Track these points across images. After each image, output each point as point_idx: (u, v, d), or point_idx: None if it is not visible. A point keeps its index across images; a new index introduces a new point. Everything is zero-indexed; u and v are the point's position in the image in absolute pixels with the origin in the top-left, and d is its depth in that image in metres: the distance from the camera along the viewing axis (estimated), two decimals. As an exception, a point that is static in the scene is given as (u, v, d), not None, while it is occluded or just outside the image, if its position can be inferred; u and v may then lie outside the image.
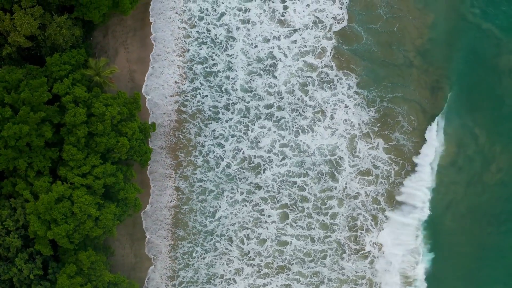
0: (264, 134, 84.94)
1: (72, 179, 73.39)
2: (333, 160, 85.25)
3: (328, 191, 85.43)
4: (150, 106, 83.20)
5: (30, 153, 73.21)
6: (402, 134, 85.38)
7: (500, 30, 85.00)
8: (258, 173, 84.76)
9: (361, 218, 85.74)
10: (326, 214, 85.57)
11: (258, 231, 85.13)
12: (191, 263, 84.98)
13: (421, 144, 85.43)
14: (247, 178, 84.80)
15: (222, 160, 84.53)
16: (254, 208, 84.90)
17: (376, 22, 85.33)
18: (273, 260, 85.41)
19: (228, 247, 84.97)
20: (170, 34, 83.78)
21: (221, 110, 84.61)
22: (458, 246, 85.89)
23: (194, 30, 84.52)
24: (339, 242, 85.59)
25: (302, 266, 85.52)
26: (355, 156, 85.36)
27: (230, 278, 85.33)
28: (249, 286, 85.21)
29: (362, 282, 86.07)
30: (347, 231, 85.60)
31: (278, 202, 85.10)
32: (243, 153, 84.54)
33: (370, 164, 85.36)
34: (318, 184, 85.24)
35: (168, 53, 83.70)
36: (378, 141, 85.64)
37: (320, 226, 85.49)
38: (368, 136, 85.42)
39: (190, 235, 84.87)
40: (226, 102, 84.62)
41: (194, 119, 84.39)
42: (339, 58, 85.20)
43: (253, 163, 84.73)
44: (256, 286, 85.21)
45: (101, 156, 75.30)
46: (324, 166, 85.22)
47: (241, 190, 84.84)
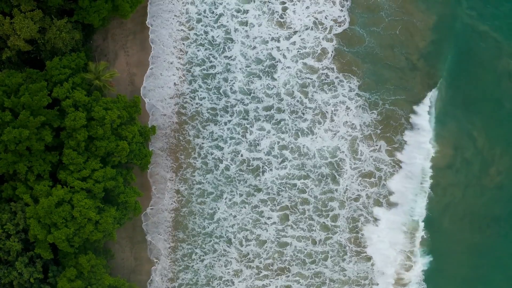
0: (263, 136, 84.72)
1: (72, 183, 73.44)
2: (333, 162, 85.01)
3: (329, 193, 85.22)
4: (150, 108, 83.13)
5: (30, 157, 73.23)
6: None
7: (498, 32, 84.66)
8: (258, 175, 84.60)
9: (362, 219, 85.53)
10: (327, 216, 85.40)
11: (257, 233, 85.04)
12: (191, 265, 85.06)
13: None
14: (246, 181, 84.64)
15: (221, 162, 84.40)
16: (254, 210, 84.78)
17: (378, 25, 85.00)
18: (272, 261, 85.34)
19: (226, 249, 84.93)
20: (168, 36, 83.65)
21: (219, 112, 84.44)
22: (456, 249, 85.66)
23: (192, 32, 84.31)
24: (341, 243, 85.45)
25: (303, 267, 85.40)
26: (357, 158, 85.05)
27: (229, 279, 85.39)
28: (248, 287, 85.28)
29: (364, 282, 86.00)
30: (348, 233, 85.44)
31: (278, 204, 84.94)
32: (242, 155, 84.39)
33: (372, 166, 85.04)
34: (319, 186, 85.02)
35: (167, 54, 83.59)
36: (380, 143, 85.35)
37: (321, 228, 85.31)
38: (370, 138, 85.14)
39: (189, 237, 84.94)
40: (225, 104, 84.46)
41: (193, 121, 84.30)
42: (340, 60, 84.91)
43: (252, 166, 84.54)
44: (255, 287, 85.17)
45: (101, 159, 75.32)
46: (324, 168, 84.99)
47: (240, 192, 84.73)
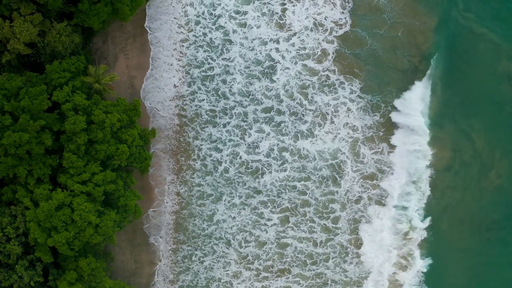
0: (262, 138, 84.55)
1: (72, 187, 73.52)
2: (334, 164, 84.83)
3: (329, 195, 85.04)
4: (150, 110, 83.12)
5: (30, 160, 73.29)
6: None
7: (498, 35, 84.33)
8: (257, 177, 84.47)
9: (363, 220, 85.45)
10: (328, 218, 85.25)
11: (257, 234, 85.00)
12: (191, 267, 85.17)
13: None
14: (245, 183, 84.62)
15: (220, 164, 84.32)
16: (253, 211, 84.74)
17: (381, 27, 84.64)
18: (272, 263, 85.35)
19: (226, 251, 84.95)
20: (168, 38, 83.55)
21: (218, 114, 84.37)
22: (456, 251, 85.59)
23: (191, 34, 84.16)
24: (342, 245, 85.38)
25: (303, 268, 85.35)
26: (358, 161, 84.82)
27: (228, 281, 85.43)
28: None
29: (365, 283, 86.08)
30: (349, 234, 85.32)
31: (279, 206, 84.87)
32: (240, 157, 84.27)
33: (374, 168, 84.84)
34: (320, 188, 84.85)
35: (166, 56, 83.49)
36: (383, 145, 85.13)
37: (321, 230, 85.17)
38: (372, 140, 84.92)
39: (189, 239, 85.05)
40: (224, 106, 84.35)
41: (192, 123, 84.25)
42: (342, 62, 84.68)
43: (251, 168, 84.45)
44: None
45: (101, 163, 75.33)
46: (325, 170, 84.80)
47: (239, 194, 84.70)
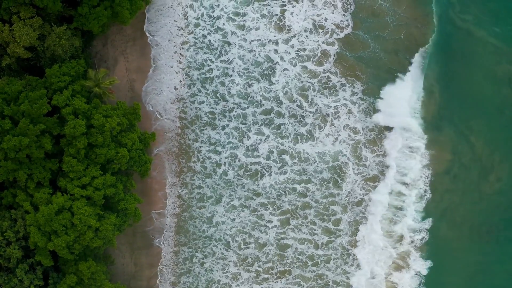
0: (262, 140, 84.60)
1: (72, 190, 73.53)
2: (336, 166, 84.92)
3: (330, 197, 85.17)
4: (153, 112, 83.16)
5: (30, 164, 73.28)
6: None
7: (498, 38, 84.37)
8: (257, 180, 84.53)
9: (364, 222, 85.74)
10: (329, 220, 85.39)
11: (257, 236, 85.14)
12: (192, 269, 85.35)
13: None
14: (244, 185, 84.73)
15: (219, 167, 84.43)
16: (253, 213, 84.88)
17: (384, 30, 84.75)
18: (272, 265, 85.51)
19: (225, 253, 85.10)
20: (168, 41, 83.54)
21: (218, 116, 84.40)
22: (455, 254, 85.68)
23: (191, 36, 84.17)
24: (344, 246, 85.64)
25: (304, 269, 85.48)
26: (360, 163, 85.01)
27: (226, 283, 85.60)
28: None
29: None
30: (350, 236, 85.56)
31: (279, 209, 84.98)
32: (239, 160, 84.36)
33: (376, 170, 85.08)
34: (320, 190, 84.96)
35: (167, 58, 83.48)
36: (384, 147, 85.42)
37: (322, 232, 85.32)
38: (374, 142, 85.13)
39: (190, 241, 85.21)
40: (223, 109, 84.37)
41: (192, 125, 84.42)
42: (344, 64, 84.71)
43: (251, 170, 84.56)
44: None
45: (101, 167, 75.33)
46: (326, 173, 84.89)
47: (239, 196, 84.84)
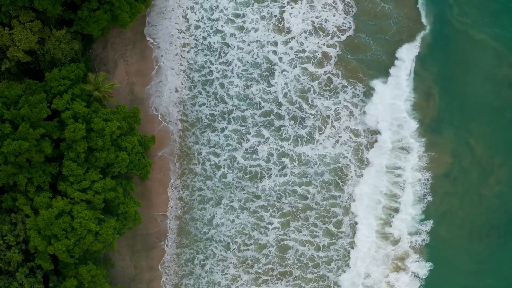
0: (260, 142, 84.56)
1: (72, 194, 73.57)
2: (337, 168, 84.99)
3: (332, 199, 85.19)
4: (157, 114, 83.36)
5: (30, 168, 73.30)
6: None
7: (498, 42, 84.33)
8: (257, 182, 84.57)
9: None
10: (330, 222, 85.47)
11: (258, 237, 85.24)
12: (194, 271, 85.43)
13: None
14: (243, 188, 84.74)
15: (219, 169, 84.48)
16: (254, 215, 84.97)
17: (387, 33, 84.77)
18: (272, 266, 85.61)
19: (225, 254, 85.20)
20: (169, 43, 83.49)
21: (217, 118, 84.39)
22: (455, 257, 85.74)
23: (192, 38, 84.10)
24: (345, 248, 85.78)
25: (305, 271, 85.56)
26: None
27: (226, 285, 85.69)
28: None
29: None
30: (351, 238, 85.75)
31: (279, 211, 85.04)
32: (238, 162, 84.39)
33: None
34: (321, 192, 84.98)
35: (168, 61, 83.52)
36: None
37: (324, 234, 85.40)
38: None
39: (192, 243, 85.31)
40: (222, 111, 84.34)
41: (193, 127, 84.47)
42: (345, 66, 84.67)
43: (250, 173, 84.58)
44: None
45: (100, 170, 75.35)
46: (327, 175, 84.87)
47: (238, 198, 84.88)
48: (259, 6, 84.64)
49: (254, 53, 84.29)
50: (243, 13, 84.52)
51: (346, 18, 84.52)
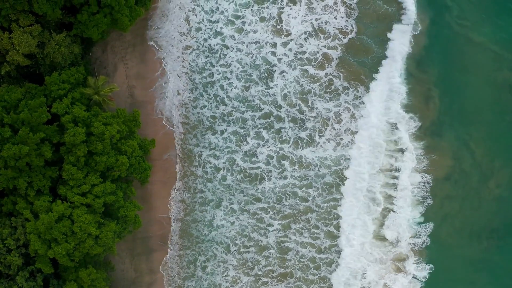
0: (261, 145, 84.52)
1: (72, 198, 73.61)
2: (338, 170, 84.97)
3: (333, 201, 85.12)
4: (162, 117, 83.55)
5: (30, 172, 73.36)
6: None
7: (499, 45, 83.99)
8: (256, 184, 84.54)
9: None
10: (331, 225, 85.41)
11: (259, 239, 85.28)
12: (196, 273, 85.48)
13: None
14: (243, 190, 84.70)
15: (219, 172, 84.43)
16: (254, 217, 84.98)
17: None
18: (272, 268, 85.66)
19: (225, 256, 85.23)
20: (171, 46, 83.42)
21: (217, 120, 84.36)
22: (455, 259, 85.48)
23: (194, 40, 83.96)
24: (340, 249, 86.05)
25: (306, 272, 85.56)
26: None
27: (227, 287, 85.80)
28: None
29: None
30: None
31: (279, 213, 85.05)
32: (237, 165, 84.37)
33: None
34: (322, 195, 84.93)
35: (170, 64, 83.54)
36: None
37: (325, 236, 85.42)
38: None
39: (194, 244, 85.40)
40: (222, 112, 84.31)
41: (194, 130, 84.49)
42: (347, 68, 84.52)
43: (250, 175, 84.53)
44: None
45: (100, 174, 75.39)
46: (329, 177, 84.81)
47: (239, 200, 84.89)
48: (259, 7, 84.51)
49: (253, 54, 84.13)
50: (244, 15, 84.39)
51: (348, 21, 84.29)
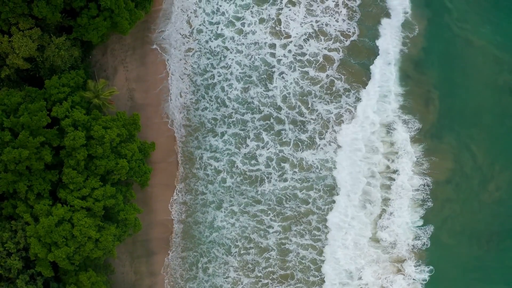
0: (260, 147, 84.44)
1: (72, 202, 73.63)
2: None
3: (333, 203, 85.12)
4: (167, 120, 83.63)
5: (30, 176, 73.32)
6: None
7: (499, 49, 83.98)
8: (256, 186, 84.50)
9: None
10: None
11: (259, 241, 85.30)
12: (198, 275, 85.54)
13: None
14: (243, 192, 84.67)
15: (219, 174, 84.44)
16: (254, 219, 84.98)
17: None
18: (273, 269, 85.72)
19: (226, 258, 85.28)
20: (174, 48, 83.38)
21: (218, 123, 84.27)
22: (455, 262, 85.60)
23: (196, 43, 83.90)
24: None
25: (307, 274, 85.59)
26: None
27: None
28: None
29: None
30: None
31: (280, 215, 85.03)
32: (237, 167, 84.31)
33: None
34: (323, 197, 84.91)
35: (172, 66, 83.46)
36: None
37: (326, 237, 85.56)
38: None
39: (195, 246, 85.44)
40: (223, 115, 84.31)
41: (195, 132, 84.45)
42: (349, 70, 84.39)
43: (250, 178, 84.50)
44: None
45: (100, 178, 75.35)
46: (330, 179, 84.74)
47: (239, 202, 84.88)
48: (259, 9, 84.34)
49: (252, 56, 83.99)
50: (244, 16, 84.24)
51: (350, 23, 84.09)
